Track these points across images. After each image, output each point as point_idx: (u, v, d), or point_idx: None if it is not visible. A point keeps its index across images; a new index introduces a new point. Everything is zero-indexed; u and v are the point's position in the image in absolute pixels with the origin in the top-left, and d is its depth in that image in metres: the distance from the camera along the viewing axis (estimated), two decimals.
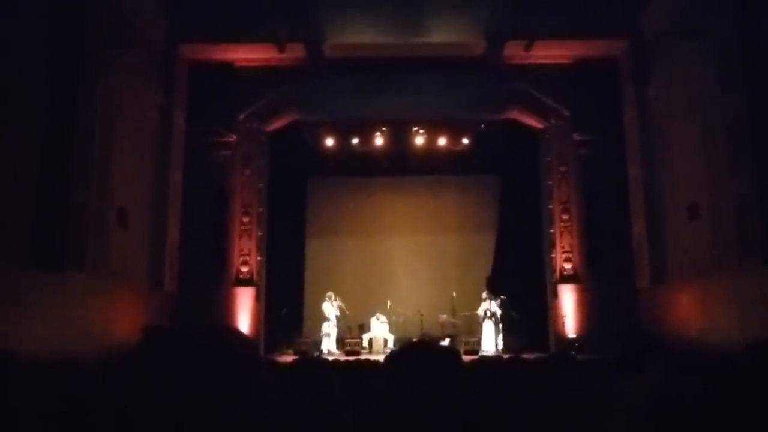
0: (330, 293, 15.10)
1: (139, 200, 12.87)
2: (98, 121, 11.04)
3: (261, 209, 15.25)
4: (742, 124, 10.52)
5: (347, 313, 15.16)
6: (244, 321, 14.35)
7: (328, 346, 14.69)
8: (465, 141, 16.86)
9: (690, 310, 12.21)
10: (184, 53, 14.56)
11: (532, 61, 15.00)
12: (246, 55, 14.79)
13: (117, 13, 11.85)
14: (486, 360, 4.62)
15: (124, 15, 12.14)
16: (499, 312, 14.80)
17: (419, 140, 16.60)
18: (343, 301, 15.17)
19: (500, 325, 14.75)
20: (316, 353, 13.76)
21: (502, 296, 15.02)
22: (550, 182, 15.40)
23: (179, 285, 14.07)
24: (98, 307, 10.86)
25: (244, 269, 14.81)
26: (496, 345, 14.57)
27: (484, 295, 15.21)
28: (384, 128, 16.44)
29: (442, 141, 16.66)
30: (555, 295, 14.90)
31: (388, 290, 16.70)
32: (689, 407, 0.74)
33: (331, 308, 14.89)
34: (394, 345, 14.87)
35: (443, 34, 14.34)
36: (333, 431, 2.05)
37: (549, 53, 14.90)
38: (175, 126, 14.25)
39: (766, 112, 10.17)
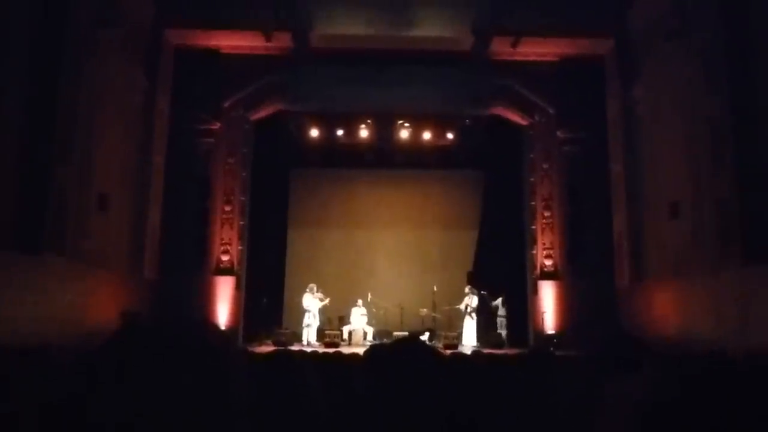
0: (311, 285, 15.07)
1: (121, 185, 12.75)
2: (80, 103, 10.91)
3: (243, 198, 15.16)
4: (724, 124, 10.62)
5: (328, 305, 15.13)
6: (223, 310, 14.30)
7: (309, 337, 14.67)
8: (450, 135, 16.84)
9: (668, 308, 12.32)
10: (170, 38, 14.43)
11: (518, 57, 15.04)
12: (232, 42, 14.68)
13: None
14: (465, 356, 4.63)
15: None
16: (500, 309, 14.90)
17: (404, 134, 16.56)
18: (323, 293, 15.15)
19: (502, 320, 14.85)
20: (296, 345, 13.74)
21: (482, 291, 15.09)
22: (532, 179, 15.45)
23: (159, 272, 13.97)
24: (76, 293, 10.76)
25: (225, 258, 14.73)
26: (477, 340, 14.64)
27: (466, 290, 15.26)
28: (369, 121, 16.39)
29: (426, 135, 16.63)
30: (535, 291, 14.98)
31: (369, 283, 16.71)
32: (686, 412, 0.73)
33: (312, 300, 14.86)
34: (374, 338, 14.90)
35: (431, 29, 14.32)
36: (309, 424, 2.04)
37: (535, 50, 14.96)
38: (158, 111, 14.14)
39: (749, 113, 10.26)
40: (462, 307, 15.07)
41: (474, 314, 14.90)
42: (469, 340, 14.65)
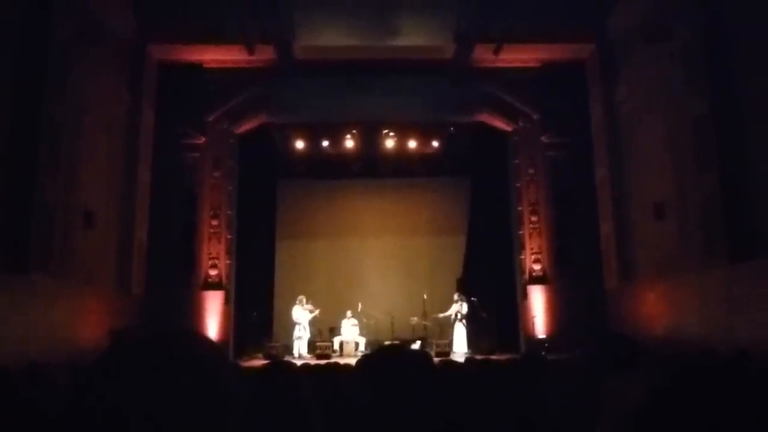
0: (301, 297, 15.02)
1: (107, 201, 12.68)
2: (65, 120, 10.86)
3: (230, 212, 15.10)
4: (706, 125, 10.73)
5: (318, 317, 15.08)
6: (212, 325, 14.21)
7: (300, 350, 14.60)
8: (435, 143, 16.90)
9: (657, 308, 12.39)
10: (153, 53, 14.40)
11: (501, 64, 15.12)
12: (215, 56, 14.67)
13: (84, 10, 11.68)
14: (457, 363, 4.63)
15: (91, 13, 11.97)
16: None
17: (389, 143, 16.59)
18: (313, 304, 15.09)
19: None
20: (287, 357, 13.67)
21: (472, 298, 15.08)
22: (519, 184, 15.50)
23: (147, 288, 13.88)
24: (64, 311, 10.66)
25: (213, 272, 14.66)
26: (468, 346, 14.63)
27: (455, 297, 15.25)
28: (354, 131, 16.41)
29: (412, 143, 16.67)
30: (525, 296, 15.00)
31: (359, 293, 16.66)
32: (683, 409, 0.74)
33: (301, 312, 14.80)
34: (366, 348, 14.84)
35: (413, 38, 14.37)
36: None
37: (517, 57, 15.05)
38: (143, 127, 14.08)
39: (730, 113, 10.39)
40: (452, 314, 15.05)
41: (464, 321, 14.89)
42: (461, 347, 14.63)
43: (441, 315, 15.40)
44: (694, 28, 11.16)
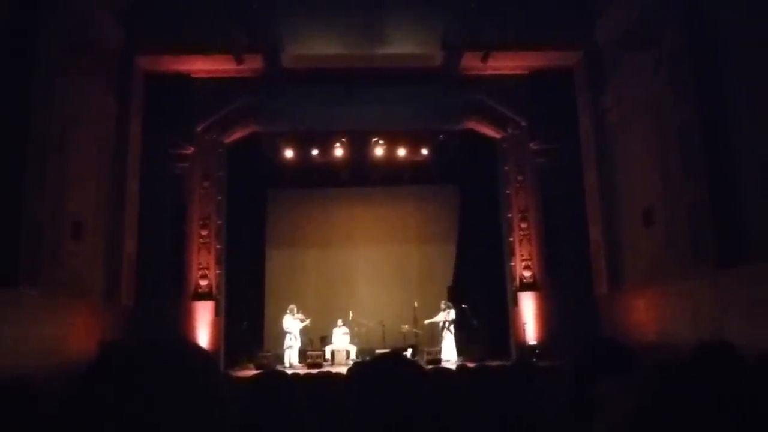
0: (291, 306, 14.98)
1: (95, 212, 12.61)
2: (53, 131, 10.81)
3: (220, 222, 15.04)
4: (693, 132, 10.79)
5: (308, 326, 15.05)
6: (203, 335, 14.14)
7: (291, 359, 14.56)
8: (424, 151, 16.90)
9: (646, 314, 12.43)
10: (141, 64, 14.37)
11: (489, 72, 15.18)
12: (203, 66, 14.66)
13: (71, 21, 11.65)
14: (448, 369, 4.63)
15: (78, 24, 11.95)
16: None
17: (379, 151, 16.58)
18: (304, 313, 15.06)
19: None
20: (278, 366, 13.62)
21: (463, 305, 15.08)
22: (508, 191, 15.53)
23: (136, 299, 13.80)
24: (53, 324, 10.58)
25: (203, 283, 14.60)
26: (457, 353, 14.64)
27: (442, 305, 15.23)
28: (343, 139, 16.40)
29: (401, 151, 16.67)
30: (515, 302, 15.01)
31: (350, 301, 16.64)
32: (678, 414, 0.75)
33: (292, 321, 14.77)
34: (357, 356, 14.81)
35: (402, 46, 14.41)
36: None
37: (505, 64, 15.11)
38: (131, 137, 14.03)
39: (716, 120, 10.46)
40: (439, 321, 15.04)
41: (452, 328, 14.89)
42: (450, 354, 14.62)
43: (428, 321, 15.40)
44: (681, 35, 11.25)
